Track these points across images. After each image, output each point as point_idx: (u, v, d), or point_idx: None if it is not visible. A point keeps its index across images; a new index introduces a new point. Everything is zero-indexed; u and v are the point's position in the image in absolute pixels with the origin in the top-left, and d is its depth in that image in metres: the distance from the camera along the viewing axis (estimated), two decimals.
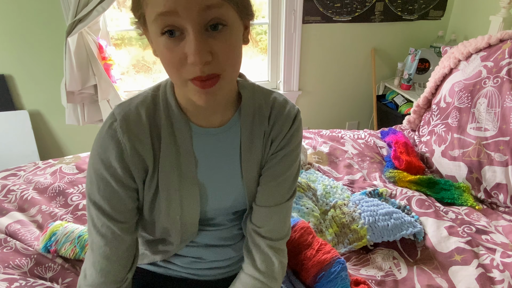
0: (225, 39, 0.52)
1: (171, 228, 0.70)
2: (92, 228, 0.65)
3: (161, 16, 0.49)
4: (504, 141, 1.26)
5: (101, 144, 0.62)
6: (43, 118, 2.13)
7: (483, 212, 1.26)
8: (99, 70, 1.89)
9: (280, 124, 0.70)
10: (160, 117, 0.64)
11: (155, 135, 0.64)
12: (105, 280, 0.65)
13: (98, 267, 0.65)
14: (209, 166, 0.68)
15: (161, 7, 0.48)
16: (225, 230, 0.78)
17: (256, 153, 0.70)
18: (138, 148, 0.62)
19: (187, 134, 0.65)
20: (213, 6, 0.49)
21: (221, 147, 0.68)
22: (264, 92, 0.71)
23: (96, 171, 0.62)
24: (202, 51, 0.49)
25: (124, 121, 0.61)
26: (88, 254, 0.67)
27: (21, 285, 0.85)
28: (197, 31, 0.49)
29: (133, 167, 0.62)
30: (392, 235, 1.06)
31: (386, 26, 2.38)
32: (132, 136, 0.61)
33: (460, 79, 1.48)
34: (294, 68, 2.36)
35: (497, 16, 1.73)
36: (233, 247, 0.80)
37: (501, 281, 0.93)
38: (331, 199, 1.23)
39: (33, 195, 1.18)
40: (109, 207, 0.63)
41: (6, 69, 1.93)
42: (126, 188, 0.64)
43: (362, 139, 1.65)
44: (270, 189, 0.71)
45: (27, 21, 1.85)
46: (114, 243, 0.65)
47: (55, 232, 1.00)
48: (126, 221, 0.66)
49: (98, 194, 0.63)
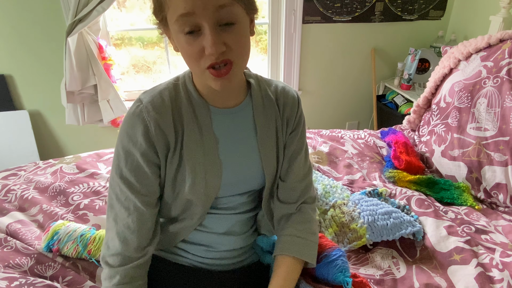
0: (236, 33, 0.61)
1: (194, 200, 0.76)
2: (116, 201, 0.73)
3: (182, 17, 0.59)
4: (504, 141, 1.26)
5: (128, 123, 0.70)
6: (43, 118, 2.13)
7: (483, 212, 1.26)
8: (99, 70, 1.90)
9: (289, 107, 0.81)
10: (181, 101, 0.73)
11: (177, 116, 0.73)
12: (127, 248, 0.72)
13: (122, 237, 0.72)
14: (228, 143, 0.77)
15: (181, 9, 0.58)
16: (237, 216, 0.83)
17: (270, 131, 0.80)
18: (161, 126, 0.70)
19: (207, 115, 0.74)
20: (225, 5, 0.59)
21: (237, 125, 0.77)
22: (266, 80, 0.83)
23: (124, 147, 0.71)
24: (217, 43, 0.59)
25: (150, 103, 0.70)
26: (111, 226, 0.74)
27: (21, 283, 0.85)
28: (212, 27, 0.59)
29: (157, 142, 0.70)
30: (392, 234, 1.06)
31: (386, 26, 2.38)
32: (156, 116, 0.69)
33: (460, 79, 1.48)
34: (294, 68, 2.36)
35: (497, 16, 1.73)
36: (242, 237, 0.84)
37: (500, 280, 0.93)
38: (331, 198, 1.23)
39: (33, 195, 1.18)
40: (134, 179, 0.71)
41: (6, 69, 1.94)
42: (150, 162, 0.71)
43: (362, 139, 1.65)
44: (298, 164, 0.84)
45: (27, 21, 1.85)
46: (136, 214, 0.72)
47: (57, 231, 1.00)
48: (148, 194, 0.73)
49: (125, 167, 0.71)
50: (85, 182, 1.27)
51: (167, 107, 0.71)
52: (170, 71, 2.31)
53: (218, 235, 0.82)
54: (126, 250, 0.72)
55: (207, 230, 0.82)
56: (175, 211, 0.79)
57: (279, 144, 0.82)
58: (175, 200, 0.77)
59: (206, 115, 0.74)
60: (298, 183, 0.85)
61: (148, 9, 2.17)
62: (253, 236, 0.89)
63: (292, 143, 0.83)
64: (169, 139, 0.71)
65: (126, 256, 0.72)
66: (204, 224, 0.81)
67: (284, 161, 0.84)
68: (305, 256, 0.79)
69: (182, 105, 0.73)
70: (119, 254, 0.72)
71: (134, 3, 2.16)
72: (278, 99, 0.81)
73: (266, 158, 0.79)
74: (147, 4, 2.16)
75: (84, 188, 1.25)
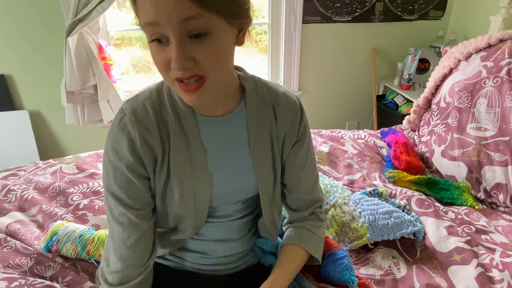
0: (208, 46, 0.54)
1: (184, 215, 0.73)
2: (110, 217, 0.69)
3: (147, 26, 0.54)
4: (504, 141, 1.26)
5: (113, 137, 0.67)
6: (43, 118, 2.13)
7: (483, 212, 1.26)
8: (99, 70, 1.89)
9: (291, 116, 0.75)
10: (166, 110, 0.69)
11: (163, 126, 0.68)
12: (126, 265, 0.69)
13: (118, 254, 0.69)
14: (218, 154, 0.72)
15: (146, 18, 0.53)
16: (233, 222, 0.80)
17: (265, 140, 0.74)
18: (147, 139, 0.66)
19: (194, 124, 0.69)
20: (192, 17, 0.51)
21: (228, 135, 0.72)
22: (265, 83, 0.76)
23: (111, 163, 0.67)
24: (183, 58, 0.53)
25: (133, 114, 0.66)
26: (109, 243, 0.71)
27: (21, 284, 0.85)
28: (178, 40, 0.53)
29: (143, 156, 0.67)
30: (392, 233, 1.06)
31: (386, 26, 2.38)
32: (141, 128, 0.66)
33: (460, 79, 1.48)
34: (294, 68, 2.36)
35: (497, 16, 1.73)
36: (239, 242, 0.82)
37: (501, 280, 0.93)
38: (331, 198, 1.23)
39: (33, 195, 1.18)
40: (125, 195, 0.68)
41: (6, 69, 1.94)
42: (139, 176, 0.68)
43: (362, 139, 1.65)
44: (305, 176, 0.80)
45: (27, 21, 1.85)
46: (131, 229, 0.69)
47: (56, 232, 1.00)
48: (142, 207, 0.70)
49: (114, 184, 0.67)
50: (84, 182, 1.27)
51: (152, 119, 0.67)
52: None
53: (214, 242, 0.79)
54: (124, 267, 0.69)
55: (203, 238, 0.79)
56: (168, 224, 0.76)
57: (275, 154, 0.76)
58: (165, 215, 0.74)
59: (192, 124, 0.69)
60: (307, 195, 0.83)
61: None
62: (252, 239, 0.86)
63: (297, 155, 0.78)
64: (156, 152, 0.68)
65: (125, 274, 0.69)
66: (199, 232, 0.79)
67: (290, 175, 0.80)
68: (311, 248, 0.79)
69: (167, 114, 0.68)
70: (118, 272, 0.69)
71: None
72: (277, 107, 0.74)
73: (260, 169, 0.75)
74: None
75: (84, 188, 1.24)
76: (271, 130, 0.75)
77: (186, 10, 0.50)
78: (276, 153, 0.76)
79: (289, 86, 2.41)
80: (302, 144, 0.78)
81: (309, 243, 0.80)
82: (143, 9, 0.53)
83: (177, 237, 0.78)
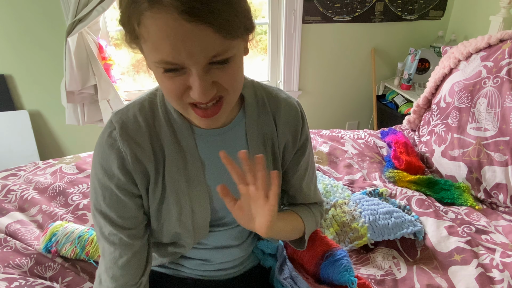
0: (230, 69, 0.51)
1: (183, 233, 0.70)
2: (100, 236, 0.66)
3: (165, 62, 0.48)
4: (504, 141, 1.26)
5: (102, 154, 0.62)
6: (43, 118, 2.13)
7: (483, 212, 1.26)
8: (99, 70, 1.89)
9: (292, 124, 0.72)
10: (160, 123, 0.64)
11: (156, 141, 0.64)
12: (117, 284, 0.66)
13: (110, 273, 0.66)
14: (216, 167, 0.68)
15: (164, 56, 0.47)
16: (233, 229, 0.78)
17: (265, 149, 0.71)
18: (138, 155, 0.62)
19: (190, 137, 0.65)
20: (220, 53, 0.48)
21: (226, 146, 0.68)
22: (265, 88, 0.72)
23: (99, 181, 0.63)
24: (207, 87, 0.50)
25: (123, 129, 0.61)
26: (101, 261, 0.68)
27: (21, 284, 0.85)
28: (201, 71, 0.49)
29: (135, 174, 0.62)
30: (393, 233, 1.06)
31: (386, 26, 2.38)
32: (132, 144, 0.61)
33: (460, 79, 1.48)
34: (294, 68, 2.36)
35: (497, 16, 1.73)
36: (240, 247, 0.80)
37: (501, 280, 0.93)
38: (332, 198, 1.23)
39: (33, 195, 1.18)
40: (115, 215, 0.64)
41: (6, 69, 1.93)
42: (130, 195, 0.64)
43: (362, 139, 1.65)
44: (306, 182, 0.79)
45: (27, 21, 1.85)
46: (123, 249, 0.65)
47: (56, 233, 1.00)
48: (133, 227, 0.66)
49: (103, 203, 0.63)
50: (84, 182, 1.27)
51: (144, 132, 0.62)
52: None
53: (214, 250, 0.78)
54: (116, 286, 0.67)
55: (203, 246, 0.77)
56: (163, 239, 0.73)
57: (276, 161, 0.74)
58: (161, 231, 0.71)
59: (189, 138, 0.65)
60: (308, 199, 0.82)
61: None
62: (252, 243, 0.85)
63: (299, 163, 0.76)
64: (148, 170, 0.63)
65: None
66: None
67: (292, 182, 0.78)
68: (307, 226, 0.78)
69: (161, 128, 0.64)
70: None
71: None
72: (277, 114, 0.71)
73: None
74: None
75: (84, 188, 1.24)
76: (271, 138, 0.72)
77: (214, 48, 0.47)
78: (277, 162, 0.74)
79: (289, 86, 2.41)
80: (304, 152, 0.76)
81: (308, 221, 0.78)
82: (159, 48, 0.47)
83: (176, 250, 0.76)
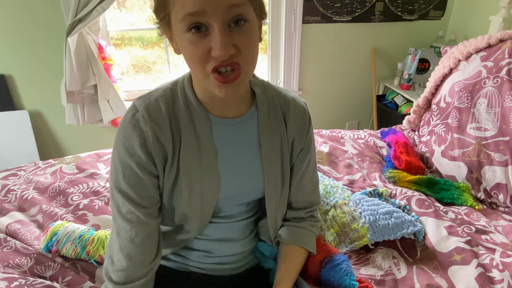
0: (247, 34, 0.57)
1: (191, 214, 0.73)
2: (117, 214, 0.69)
3: (190, 16, 0.54)
4: (504, 141, 1.26)
5: (124, 134, 0.66)
6: (43, 118, 2.13)
7: (483, 212, 1.26)
8: (99, 70, 1.89)
9: (300, 122, 0.77)
10: (179, 109, 0.68)
11: (175, 125, 0.68)
12: (132, 263, 0.69)
13: (125, 251, 0.69)
14: (228, 155, 0.72)
15: (191, 8, 0.53)
16: (235, 223, 0.81)
17: (275, 145, 0.75)
18: (159, 136, 0.66)
19: (207, 125, 0.69)
20: (237, 4, 0.54)
21: (239, 137, 0.72)
22: (274, 88, 0.78)
23: (121, 159, 0.66)
24: (227, 45, 0.54)
25: (146, 111, 0.65)
26: (113, 240, 0.70)
27: (21, 284, 0.85)
28: (222, 27, 0.54)
29: (155, 154, 0.66)
30: (393, 233, 1.06)
31: (386, 26, 2.38)
32: (153, 125, 0.65)
33: (460, 79, 1.48)
34: (294, 68, 2.36)
35: (497, 16, 1.73)
36: (241, 243, 0.83)
37: (501, 280, 0.93)
38: (332, 198, 1.23)
39: (33, 195, 1.18)
40: (134, 193, 0.67)
41: (6, 69, 1.93)
42: (149, 174, 0.67)
43: (362, 139, 1.65)
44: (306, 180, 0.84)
45: (27, 21, 1.85)
46: (139, 227, 0.68)
47: (56, 232, 1.00)
48: (150, 206, 0.69)
49: (123, 181, 0.67)
50: (84, 182, 1.27)
51: (165, 116, 0.67)
52: (170, 71, 2.31)
53: (216, 242, 0.80)
54: (131, 265, 0.69)
55: (206, 237, 0.80)
56: (173, 223, 0.76)
57: (284, 158, 0.78)
58: (171, 213, 0.74)
59: (206, 124, 0.69)
60: (306, 197, 0.86)
61: (149, 8, 2.17)
62: (253, 241, 0.87)
63: (303, 162, 0.80)
64: (167, 150, 0.67)
65: (131, 272, 0.69)
66: (202, 232, 0.79)
67: (293, 179, 0.81)
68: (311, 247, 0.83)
69: (180, 113, 0.68)
70: (124, 270, 0.69)
71: (134, 3, 2.15)
72: (287, 112, 0.76)
73: (269, 173, 0.76)
74: (147, 4, 2.16)
75: (84, 188, 1.24)
76: (280, 135, 0.76)
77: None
78: (286, 158, 0.77)
79: (289, 86, 2.41)
80: (308, 151, 0.81)
81: (308, 242, 0.83)
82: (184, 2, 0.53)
83: (181, 237, 0.78)
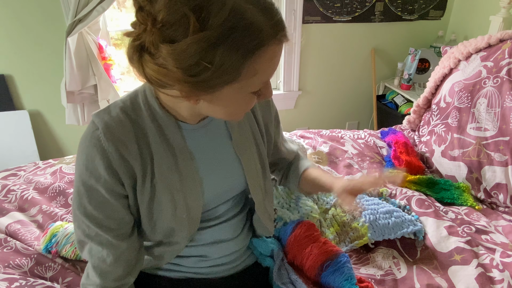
0: None
1: (177, 227, 0.71)
2: (85, 238, 0.66)
3: (264, 83, 0.59)
4: (504, 141, 1.26)
5: (86, 155, 0.61)
6: (43, 118, 2.13)
7: (483, 212, 1.26)
8: (99, 70, 1.89)
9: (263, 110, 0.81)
10: (144, 121, 0.64)
11: (142, 139, 0.63)
12: (106, 281, 0.68)
13: (98, 271, 0.68)
14: (205, 158, 0.71)
15: (267, 77, 0.58)
16: (225, 224, 0.80)
17: (246, 133, 0.76)
18: (124, 154, 0.61)
19: (177, 133, 0.66)
20: None
21: (211, 137, 0.72)
22: None
23: (84, 183, 0.62)
24: None
25: (106, 127, 0.60)
26: (87, 257, 0.69)
27: (21, 284, 0.85)
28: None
29: (121, 173, 0.62)
30: (393, 233, 1.06)
31: (386, 26, 2.38)
32: (116, 142, 0.60)
33: (460, 79, 1.48)
34: (294, 68, 2.36)
35: (497, 16, 1.73)
36: (235, 241, 0.81)
37: (501, 280, 0.93)
38: (332, 197, 1.23)
39: (33, 195, 1.18)
40: (103, 216, 0.64)
41: (6, 69, 1.93)
42: (117, 196, 0.64)
43: (362, 139, 1.65)
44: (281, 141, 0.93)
45: (27, 21, 1.85)
46: (110, 249, 0.66)
47: (56, 234, 1.00)
48: (118, 228, 0.66)
49: (89, 204, 0.63)
50: None
51: (129, 130, 0.61)
52: None
53: (209, 245, 0.78)
54: (104, 282, 0.68)
55: (198, 243, 0.78)
56: (157, 237, 0.74)
57: (259, 145, 0.79)
58: (154, 229, 0.71)
59: (177, 133, 0.65)
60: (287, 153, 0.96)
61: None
62: (247, 237, 0.86)
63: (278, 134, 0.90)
64: (135, 169, 0.62)
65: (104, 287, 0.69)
66: (193, 238, 0.78)
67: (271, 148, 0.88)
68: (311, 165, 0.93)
69: (146, 125, 0.63)
70: (98, 285, 0.69)
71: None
72: None
73: (247, 162, 0.76)
74: None
75: None
76: (249, 122, 0.77)
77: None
78: (261, 144, 0.79)
79: (289, 86, 2.41)
80: (278, 122, 0.88)
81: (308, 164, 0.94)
82: (266, 73, 0.56)
83: (171, 249, 0.76)
